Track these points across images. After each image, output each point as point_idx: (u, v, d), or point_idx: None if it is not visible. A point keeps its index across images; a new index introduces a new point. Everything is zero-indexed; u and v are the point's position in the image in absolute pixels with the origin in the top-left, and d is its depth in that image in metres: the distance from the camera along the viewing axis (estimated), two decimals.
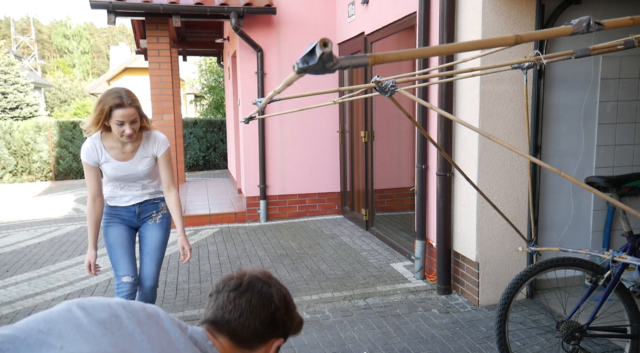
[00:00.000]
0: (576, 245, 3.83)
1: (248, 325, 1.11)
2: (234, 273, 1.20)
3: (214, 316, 1.12)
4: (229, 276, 1.19)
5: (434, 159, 4.03)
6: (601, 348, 3.01)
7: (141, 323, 0.95)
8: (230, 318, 1.11)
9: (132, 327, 0.93)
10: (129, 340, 0.90)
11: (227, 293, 1.14)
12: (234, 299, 1.13)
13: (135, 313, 0.97)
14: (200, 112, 19.76)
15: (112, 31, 57.25)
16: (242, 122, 3.01)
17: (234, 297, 1.13)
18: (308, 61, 0.78)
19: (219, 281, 1.19)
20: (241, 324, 1.11)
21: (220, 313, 1.11)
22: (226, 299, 1.13)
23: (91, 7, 5.89)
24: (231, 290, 1.14)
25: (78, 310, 0.92)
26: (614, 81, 3.78)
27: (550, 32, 1.10)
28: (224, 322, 1.11)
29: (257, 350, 1.15)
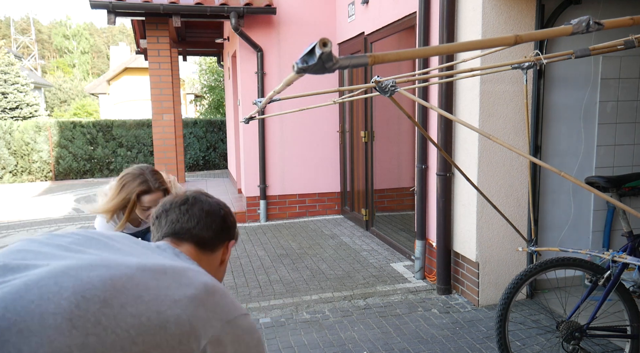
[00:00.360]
0: (576, 245, 3.83)
1: (207, 229, 1.20)
2: (173, 196, 1.28)
3: (173, 229, 1.18)
4: (170, 198, 1.27)
5: (434, 159, 4.03)
6: (601, 348, 3.01)
7: (116, 239, 1.01)
8: (189, 226, 1.19)
9: (109, 242, 0.99)
10: (111, 250, 0.94)
11: (177, 209, 1.22)
12: (187, 211, 1.21)
13: (108, 233, 1.04)
14: (200, 112, 19.76)
15: (112, 31, 57.27)
16: (242, 122, 3.01)
17: (186, 209, 1.21)
18: (308, 60, 0.78)
19: (162, 204, 1.25)
20: (201, 229, 1.19)
21: (178, 225, 1.19)
22: (179, 213, 1.21)
23: (91, 7, 5.89)
24: (181, 205, 1.22)
25: (55, 237, 0.97)
26: (614, 81, 3.78)
27: (550, 32, 1.10)
28: (184, 231, 1.18)
29: (217, 252, 1.24)
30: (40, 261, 0.86)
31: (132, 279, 0.83)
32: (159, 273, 0.88)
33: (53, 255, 0.89)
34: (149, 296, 0.82)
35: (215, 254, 1.23)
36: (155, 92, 6.78)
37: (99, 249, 0.94)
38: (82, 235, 1.00)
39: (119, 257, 0.91)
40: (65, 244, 0.94)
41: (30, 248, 0.92)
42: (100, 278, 0.81)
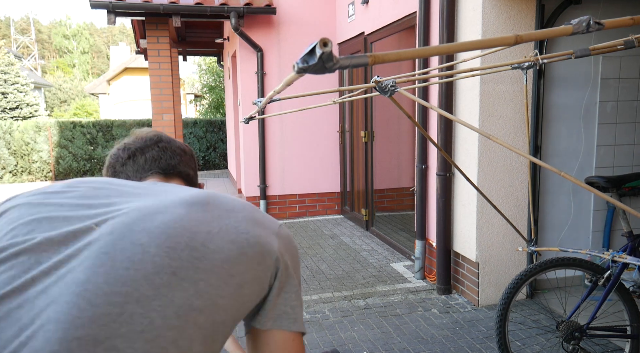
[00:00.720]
0: (576, 245, 3.83)
1: (188, 167, 1.16)
2: (135, 135, 1.18)
3: (158, 166, 1.12)
4: (136, 138, 1.16)
5: (434, 159, 4.03)
6: (601, 348, 3.01)
7: (122, 183, 0.94)
8: (174, 163, 1.14)
9: (121, 188, 0.90)
10: (135, 196, 0.87)
11: (155, 146, 1.14)
12: (167, 148, 1.15)
13: (108, 179, 0.97)
14: (200, 112, 19.76)
15: (112, 31, 57.28)
16: (242, 122, 3.01)
17: (164, 147, 1.15)
18: (308, 60, 0.78)
19: (131, 143, 1.15)
20: (184, 166, 1.15)
21: (163, 162, 1.13)
22: (159, 151, 1.14)
23: (91, 7, 5.89)
24: (157, 142, 1.15)
25: (58, 196, 0.87)
26: (614, 81, 3.78)
27: (550, 32, 1.10)
28: (171, 167, 1.13)
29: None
30: (80, 230, 0.77)
31: (189, 217, 0.79)
32: (201, 204, 0.83)
33: (81, 217, 0.80)
34: (215, 229, 0.80)
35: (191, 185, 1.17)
36: (155, 92, 6.78)
37: (123, 196, 0.86)
38: (86, 187, 0.89)
39: (153, 199, 0.84)
40: (80, 202, 0.83)
41: (39, 215, 0.80)
42: (166, 225, 0.76)
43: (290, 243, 0.90)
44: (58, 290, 0.68)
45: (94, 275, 0.69)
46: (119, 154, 1.12)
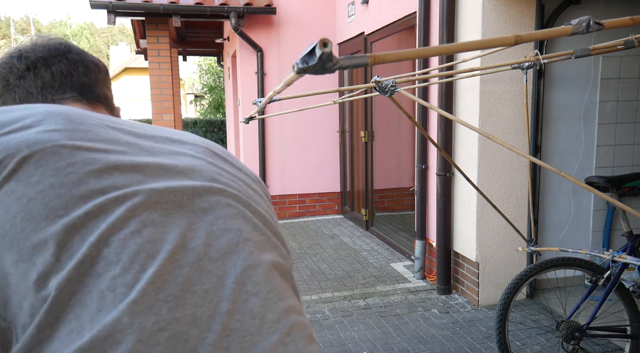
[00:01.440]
0: (576, 245, 3.83)
1: (105, 87, 0.94)
2: (28, 45, 0.90)
3: (72, 87, 0.87)
4: (32, 43, 0.89)
5: (434, 159, 4.03)
6: (601, 348, 3.01)
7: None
8: (91, 82, 0.90)
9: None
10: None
11: (63, 58, 0.88)
12: (76, 62, 0.90)
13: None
14: (200, 112, 19.76)
15: (112, 31, 57.30)
16: (242, 122, 3.01)
17: (74, 60, 0.90)
18: (308, 61, 0.78)
19: (28, 48, 0.88)
20: (100, 86, 0.92)
21: (76, 81, 0.88)
22: (67, 66, 0.88)
23: (91, 7, 5.89)
24: (65, 53, 0.89)
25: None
26: (614, 81, 3.78)
27: (550, 32, 1.10)
28: (88, 89, 0.89)
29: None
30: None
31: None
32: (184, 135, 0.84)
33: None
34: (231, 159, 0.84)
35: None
36: (155, 93, 6.78)
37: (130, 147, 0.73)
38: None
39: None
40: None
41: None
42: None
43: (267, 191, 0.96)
44: None
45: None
46: (13, 64, 0.86)
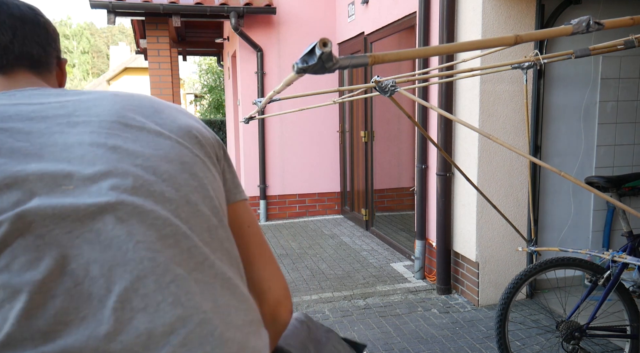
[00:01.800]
0: (576, 245, 3.83)
1: (34, 44, 0.84)
2: None
3: (22, 56, 0.80)
4: None
5: (434, 159, 4.03)
6: (601, 348, 3.01)
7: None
8: (5, 41, 0.79)
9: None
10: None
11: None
12: (22, 20, 0.80)
13: None
14: (200, 112, 19.74)
15: (112, 31, 57.27)
16: (242, 122, 3.01)
17: (16, 16, 0.79)
18: (308, 60, 0.78)
19: None
20: (24, 44, 0.81)
21: (25, 46, 0.80)
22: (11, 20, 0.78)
23: (91, 7, 5.89)
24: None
25: None
26: (614, 81, 3.78)
27: (550, 32, 1.10)
28: (4, 49, 0.79)
29: (53, 75, 0.92)
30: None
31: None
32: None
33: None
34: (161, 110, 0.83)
35: (52, 78, 0.90)
36: (155, 92, 6.78)
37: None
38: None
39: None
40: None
41: None
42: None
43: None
44: None
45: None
46: None
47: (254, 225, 0.90)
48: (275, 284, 0.88)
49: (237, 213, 0.87)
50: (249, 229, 0.88)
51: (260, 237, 0.90)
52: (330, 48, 0.76)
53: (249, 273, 0.85)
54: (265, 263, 0.88)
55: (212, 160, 0.82)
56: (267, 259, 0.89)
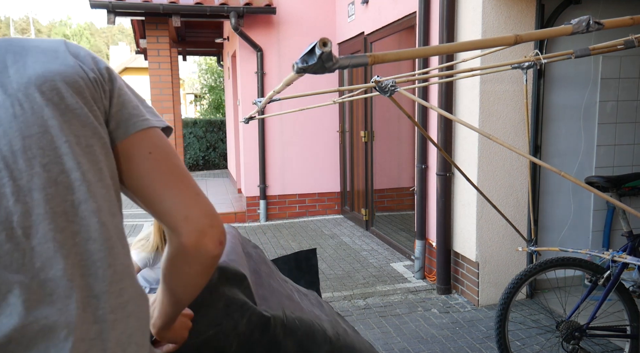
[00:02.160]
0: (576, 245, 3.83)
1: None
2: None
3: None
4: None
5: (434, 159, 4.03)
6: (601, 348, 3.01)
7: None
8: None
9: None
10: None
11: None
12: None
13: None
14: (200, 112, 19.75)
15: (111, 31, 57.27)
16: (242, 122, 3.01)
17: None
18: (308, 60, 0.78)
19: None
20: None
21: None
22: None
23: (91, 6, 5.89)
24: None
25: None
26: (614, 81, 3.78)
27: (550, 31, 1.10)
28: None
29: None
30: None
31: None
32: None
33: None
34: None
35: None
36: (155, 92, 6.78)
37: None
38: None
39: None
40: None
41: None
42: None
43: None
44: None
45: None
46: None
47: (159, 150, 0.81)
48: (193, 212, 0.78)
49: (133, 146, 0.80)
50: (150, 155, 0.79)
51: (168, 163, 0.81)
52: (330, 48, 0.76)
53: (157, 205, 0.79)
54: (178, 190, 0.79)
55: (86, 109, 0.76)
56: (180, 186, 0.80)
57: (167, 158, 0.81)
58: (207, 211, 0.79)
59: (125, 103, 0.81)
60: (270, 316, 1.17)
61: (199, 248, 0.78)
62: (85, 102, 0.76)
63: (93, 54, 0.83)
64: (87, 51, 0.83)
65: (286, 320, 1.24)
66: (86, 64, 0.79)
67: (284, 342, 1.21)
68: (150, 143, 0.80)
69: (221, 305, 1.09)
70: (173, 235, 0.79)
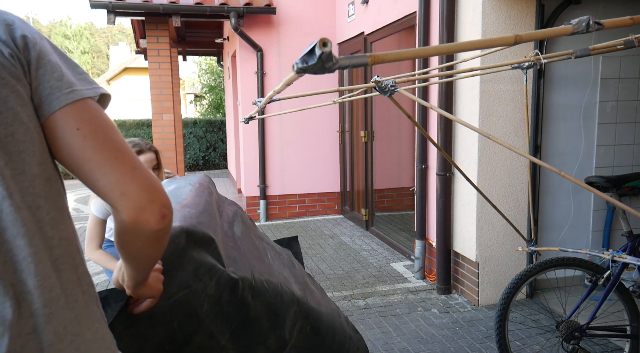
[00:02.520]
0: (576, 245, 3.83)
1: None
2: None
3: None
4: None
5: (434, 159, 4.03)
6: (601, 348, 3.01)
7: None
8: None
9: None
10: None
11: None
12: None
13: None
14: (200, 112, 19.75)
15: (111, 31, 57.26)
16: (242, 122, 3.01)
17: None
18: (307, 60, 0.78)
19: None
20: None
21: None
22: None
23: (91, 7, 5.89)
24: None
25: None
26: (614, 81, 3.78)
27: (550, 32, 1.10)
28: None
29: None
30: None
31: None
32: None
33: None
34: None
35: None
36: (155, 92, 6.78)
37: None
38: None
39: None
40: None
41: None
42: None
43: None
44: None
45: None
46: None
47: (88, 125, 0.75)
48: (130, 188, 0.75)
49: (58, 123, 0.74)
50: (78, 132, 0.74)
51: (99, 138, 0.76)
52: (330, 48, 0.76)
53: (93, 184, 0.76)
54: (112, 167, 0.75)
55: (4, 93, 0.71)
56: (114, 162, 0.75)
57: (98, 133, 0.76)
58: (146, 186, 0.77)
59: (46, 75, 0.75)
60: (239, 278, 1.20)
61: (139, 223, 0.76)
62: (4, 84, 0.71)
63: (9, 20, 0.76)
64: (1, 19, 0.75)
65: (254, 282, 1.26)
66: (0, 37, 0.73)
67: (253, 303, 1.24)
68: (78, 118, 0.75)
69: (190, 268, 1.10)
70: (114, 211, 0.77)
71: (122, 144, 0.78)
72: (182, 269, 1.10)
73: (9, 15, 0.77)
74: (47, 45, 0.79)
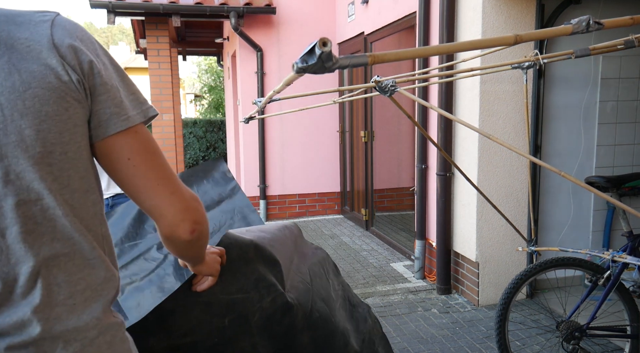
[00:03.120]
0: (576, 245, 3.83)
1: None
2: None
3: None
4: None
5: (434, 159, 4.03)
6: (601, 348, 3.01)
7: None
8: None
9: None
10: None
11: None
12: None
13: None
14: (200, 112, 19.75)
15: (111, 31, 57.28)
16: (242, 122, 3.01)
17: None
18: (307, 60, 0.78)
19: None
20: None
21: None
22: None
23: (91, 6, 5.89)
24: None
25: None
26: (614, 80, 3.78)
27: (550, 31, 1.10)
28: None
29: None
30: None
31: None
32: None
33: None
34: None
35: None
36: (155, 92, 6.77)
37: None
38: None
39: None
40: None
41: None
42: None
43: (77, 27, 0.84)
44: None
45: None
46: None
47: (137, 156, 0.87)
48: (167, 210, 0.89)
49: (111, 149, 0.85)
50: (128, 162, 0.86)
51: (146, 167, 0.88)
52: (330, 48, 0.76)
53: (137, 202, 0.90)
54: (154, 193, 0.88)
55: (66, 115, 0.78)
56: (156, 189, 0.88)
57: (145, 163, 0.88)
58: (180, 208, 0.90)
59: (108, 102, 0.83)
60: (294, 304, 1.27)
61: (173, 237, 0.92)
62: (67, 107, 0.78)
63: (76, 45, 0.80)
64: (71, 40, 0.80)
65: (310, 314, 1.33)
66: (68, 60, 0.78)
67: (301, 334, 1.30)
68: (128, 147, 0.86)
69: (252, 278, 1.21)
70: (156, 226, 0.92)
71: (164, 170, 0.90)
72: (245, 276, 1.21)
73: (76, 29, 0.82)
74: (109, 66, 0.86)
